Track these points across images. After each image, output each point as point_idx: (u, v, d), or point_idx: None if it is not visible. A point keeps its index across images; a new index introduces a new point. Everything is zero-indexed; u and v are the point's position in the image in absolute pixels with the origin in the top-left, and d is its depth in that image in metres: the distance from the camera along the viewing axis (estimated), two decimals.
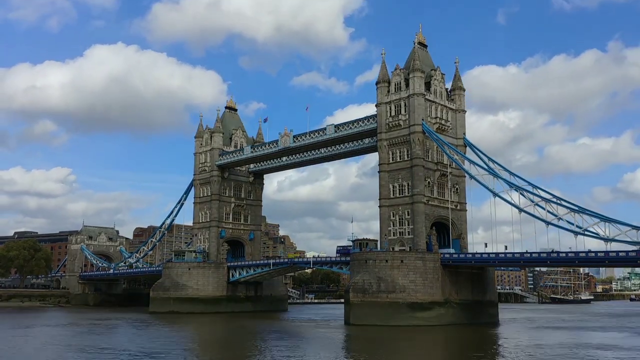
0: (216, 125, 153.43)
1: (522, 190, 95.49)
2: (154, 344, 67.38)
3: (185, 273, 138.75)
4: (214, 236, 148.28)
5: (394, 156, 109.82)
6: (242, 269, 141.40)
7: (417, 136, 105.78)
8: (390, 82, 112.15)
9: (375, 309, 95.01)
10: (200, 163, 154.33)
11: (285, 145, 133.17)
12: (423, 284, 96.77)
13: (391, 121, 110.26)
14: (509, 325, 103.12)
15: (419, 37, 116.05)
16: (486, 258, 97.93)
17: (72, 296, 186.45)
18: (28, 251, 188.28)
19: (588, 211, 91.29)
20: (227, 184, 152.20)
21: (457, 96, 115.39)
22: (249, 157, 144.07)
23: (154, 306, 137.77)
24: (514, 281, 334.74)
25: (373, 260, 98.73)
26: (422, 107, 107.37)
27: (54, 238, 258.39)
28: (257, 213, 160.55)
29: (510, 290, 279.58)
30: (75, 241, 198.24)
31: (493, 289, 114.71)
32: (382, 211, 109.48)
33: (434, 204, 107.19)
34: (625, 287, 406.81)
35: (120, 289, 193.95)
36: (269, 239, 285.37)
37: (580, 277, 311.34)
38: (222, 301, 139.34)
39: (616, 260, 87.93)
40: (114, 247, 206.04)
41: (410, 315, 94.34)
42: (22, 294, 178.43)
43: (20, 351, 61.20)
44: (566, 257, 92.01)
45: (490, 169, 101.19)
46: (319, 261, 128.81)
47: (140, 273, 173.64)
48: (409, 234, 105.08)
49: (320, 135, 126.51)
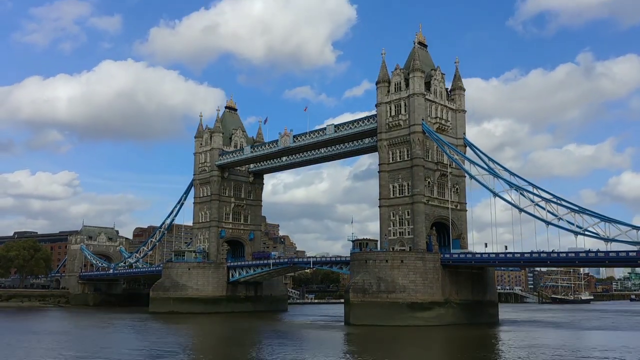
0: (216, 125, 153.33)
1: (522, 190, 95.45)
2: (154, 345, 67.26)
3: (185, 273, 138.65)
4: (213, 236, 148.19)
5: (394, 156, 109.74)
6: (242, 269, 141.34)
7: (417, 136, 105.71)
8: (390, 82, 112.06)
9: (375, 309, 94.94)
10: (200, 163, 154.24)
11: (285, 145, 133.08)
12: (423, 284, 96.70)
13: (391, 121, 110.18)
14: (509, 326, 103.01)
15: (419, 37, 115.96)
16: (486, 258, 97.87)
17: (71, 296, 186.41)
18: (28, 251, 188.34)
19: (588, 211, 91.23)
20: (227, 184, 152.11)
21: (457, 96, 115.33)
22: (249, 157, 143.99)
23: (153, 306, 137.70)
24: (514, 281, 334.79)
25: (373, 260, 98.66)
26: (422, 107, 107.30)
27: (53, 238, 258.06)
28: (257, 213, 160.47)
29: (510, 290, 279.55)
30: (75, 241, 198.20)
31: (493, 289, 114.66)
32: (382, 211, 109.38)
33: (434, 204, 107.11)
34: (626, 287, 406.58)
35: (120, 289, 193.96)
36: (269, 239, 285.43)
37: (580, 277, 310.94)
38: (222, 301, 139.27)
39: (616, 260, 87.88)
40: (113, 247, 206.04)
41: (410, 316, 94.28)
42: (22, 294, 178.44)
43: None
44: (566, 257, 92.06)
45: (490, 169, 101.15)
46: (319, 261, 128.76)
47: (140, 273, 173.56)
48: (409, 234, 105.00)
49: (320, 135, 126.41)
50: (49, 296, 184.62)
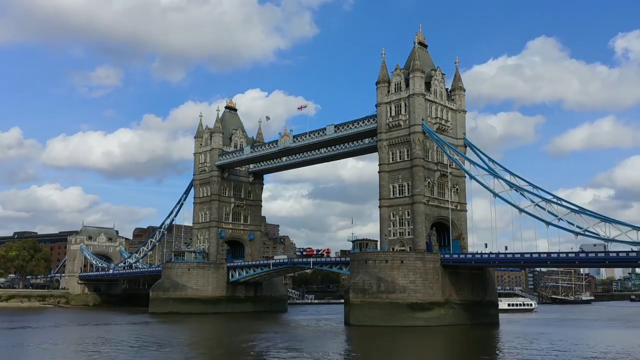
0: (216, 125, 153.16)
1: (522, 191, 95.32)
2: (154, 346, 67.16)
3: (185, 273, 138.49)
4: (213, 236, 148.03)
5: (394, 156, 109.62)
6: (242, 269, 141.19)
7: (417, 136, 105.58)
8: (390, 82, 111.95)
9: (375, 309, 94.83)
10: (200, 163, 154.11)
11: (285, 146, 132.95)
12: (423, 284, 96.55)
13: (391, 121, 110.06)
14: (509, 326, 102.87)
15: (419, 37, 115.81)
16: (486, 258, 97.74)
17: (71, 296, 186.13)
18: (28, 251, 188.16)
19: (588, 211, 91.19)
20: (226, 184, 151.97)
21: (457, 96, 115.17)
22: (249, 157, 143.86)
23: (153, 307, 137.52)
24: (514, 281, 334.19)
25: (373, 261, 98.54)
26: (422, 107, 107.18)
27: (53, 238, 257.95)
28: (257, 213, 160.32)
29: (511, 290, 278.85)
30: (74, 241, 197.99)
31: (493, 290, 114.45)
32: (382, 211, 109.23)
33: (434, 204, 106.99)
34: (626, 288, 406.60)
35: (120, 290, 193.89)
36: (269, 239, 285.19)
37: (581, 277, 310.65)
38: (221, 302, 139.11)
39: (616, 261, 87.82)
40: (113, 247, 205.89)
41: (410, 316, 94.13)
42: (22, 294, 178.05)
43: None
44: (566, 257, 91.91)
45: (490, 169, 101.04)
46: (319, 261, 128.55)
47: (139, 273, 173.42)
48: (409, 234, 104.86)
49: (320, 135, 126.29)
50: (48, 296, 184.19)
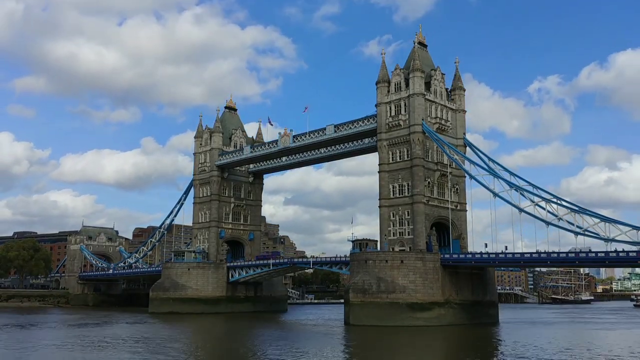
0: (216, 125, 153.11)
1: (522, 191, 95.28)
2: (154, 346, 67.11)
3: (185, 273, 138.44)
4: (213, 236, 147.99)
5: (393, 156, 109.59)
6: (242, 269, 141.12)
7: (417, 136, 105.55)
8: (390, 82, 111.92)
9: (375, 309, 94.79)
10: (199, 163, 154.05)
11: (285, 145, 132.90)
12: (423, 284, 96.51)
13: (391, 121, 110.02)
14: (509, 326, 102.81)
15: (419, 37, 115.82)
16: (486, 258, 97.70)
17: (71, 296, 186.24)
18: (27, 251, 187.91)
19: (588, 211, 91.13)
20: (226, 184, 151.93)
21: (457, 96, 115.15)
22: (249, 157, 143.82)
23: (153, 307, 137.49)
24: (514, 281, 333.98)
25: (373, 261, 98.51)
26: (422, 107, 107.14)
27: (53, 238, 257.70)
28: (257, 213, 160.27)
29: (511, 290, 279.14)
30: (74, 241, 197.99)
31: (493, 290, 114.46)
32: (382, 211, 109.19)
33: (433, 204, 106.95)
34: (626, 288, 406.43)
35: (120, 289, 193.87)
36: (269, 239, 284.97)
37: (581, 277, 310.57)
38: (221, 302, 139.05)
39: (616, 261, 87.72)
40: (113, 247, 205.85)
41: (410, 316, 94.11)
42: (22, 294, 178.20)
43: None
44: (566, 257, 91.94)
45: (490, 169, 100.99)
46: (319, 261, 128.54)
47: (139, 273, 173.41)
48: (409, 234, 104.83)
49: (320, 135, 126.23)
50: (48, 296, 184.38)
